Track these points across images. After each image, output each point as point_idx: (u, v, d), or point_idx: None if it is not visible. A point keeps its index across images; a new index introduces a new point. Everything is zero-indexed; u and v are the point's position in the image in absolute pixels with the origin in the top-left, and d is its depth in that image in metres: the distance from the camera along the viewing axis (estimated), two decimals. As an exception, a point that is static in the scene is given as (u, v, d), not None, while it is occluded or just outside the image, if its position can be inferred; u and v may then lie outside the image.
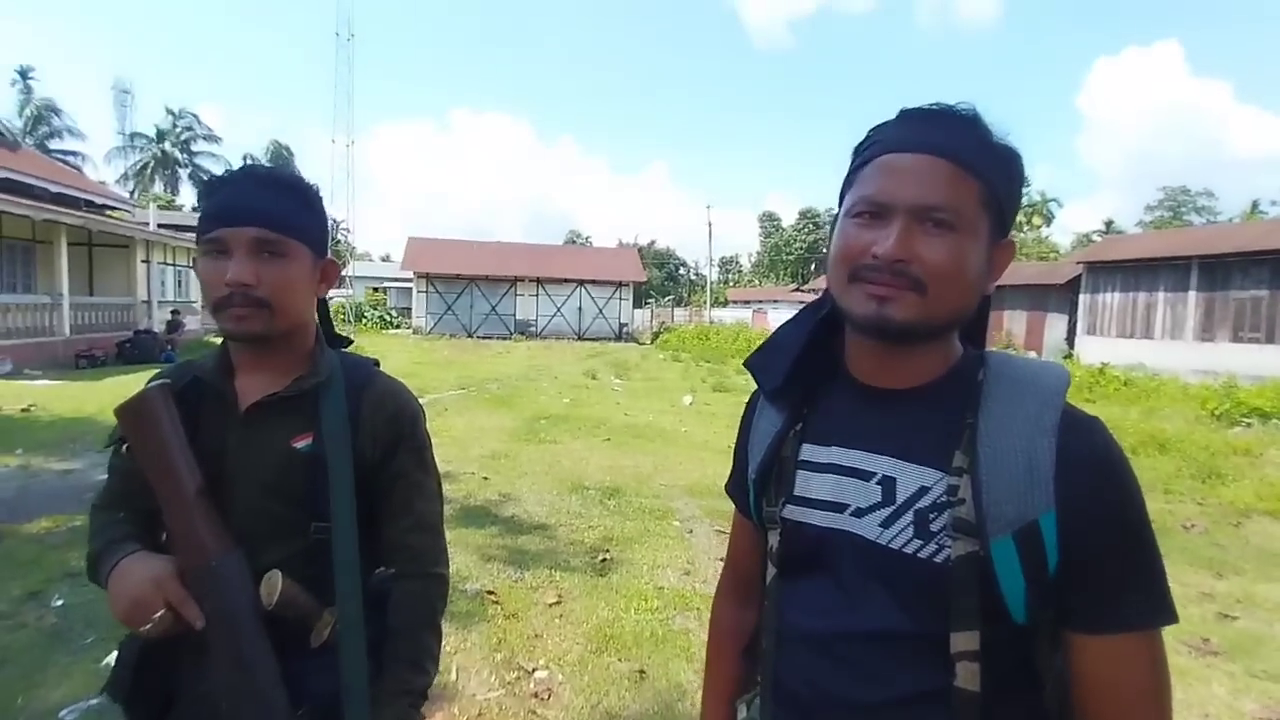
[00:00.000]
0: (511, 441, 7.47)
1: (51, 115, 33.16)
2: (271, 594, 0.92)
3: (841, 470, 0.77)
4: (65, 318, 13.73)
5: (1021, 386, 0.71)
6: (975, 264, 0.72)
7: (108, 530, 1.02)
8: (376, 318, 31.93)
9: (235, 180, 1.01)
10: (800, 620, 0.79)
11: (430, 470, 1.12)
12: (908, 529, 0.71)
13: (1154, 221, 46.83)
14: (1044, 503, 0.66)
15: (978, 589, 0.68)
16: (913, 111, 0.75)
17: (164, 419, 0.97)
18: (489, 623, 3.18)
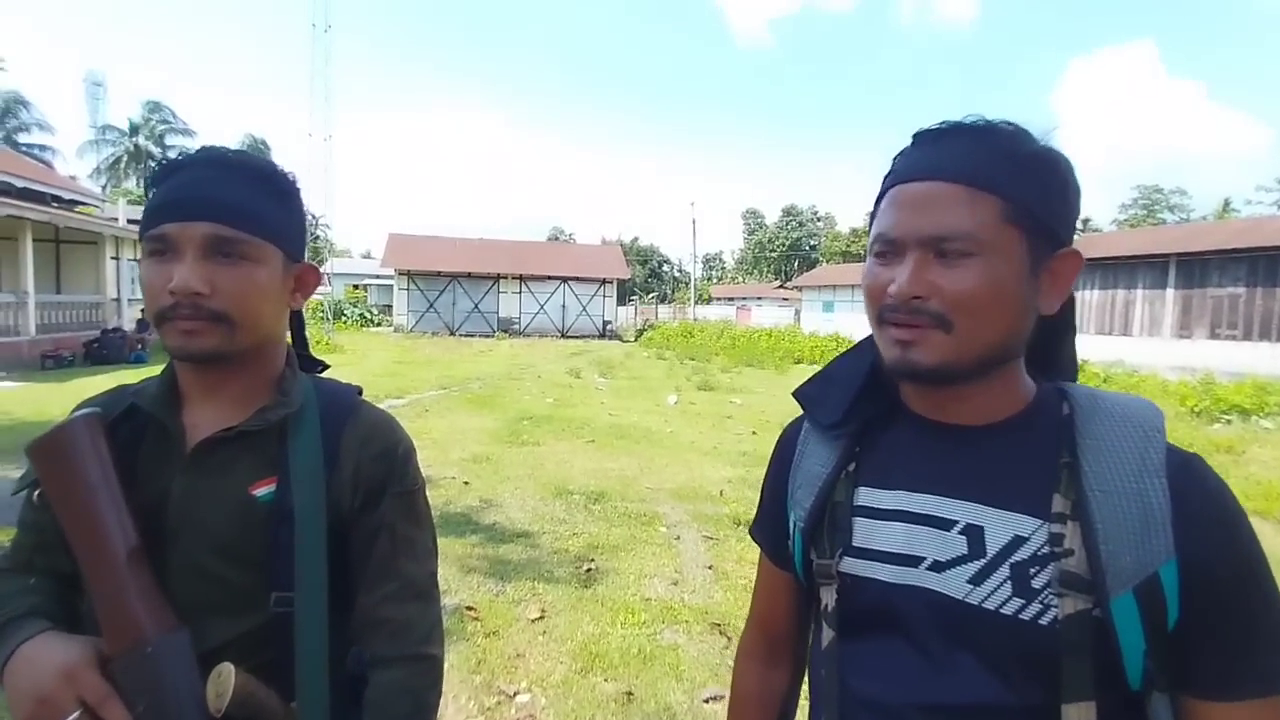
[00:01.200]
0: (493, 444, 7.30)
1: (20, 108, 32.24)
2: (222, 695, 0.71)
3: (912, 517, 0.69)
4: (31, 317, 13.28)
5: (1119, 422, 0.64)
6: (1009, 286, 0.65)
7: (9, 602, 0.80)
8: (357, 315, 31.46)
9: (189, 165, 0.82)
10: (869, 690, 0.69)
11: (423, 522, 0.91)
12: (1004, 586, 0.63)
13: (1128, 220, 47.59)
14: (1164, 552, 0.59)
15: (1093, 653, 0.60)
16: (922, 134, 0.70)
17: (89, 461, 0.77)
18: (468, 641, 3.03)
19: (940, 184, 0.65)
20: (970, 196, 0.64)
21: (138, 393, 0.86)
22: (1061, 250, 0.67)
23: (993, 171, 0.65)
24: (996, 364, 0.68)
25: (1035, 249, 0.65)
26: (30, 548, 0.85)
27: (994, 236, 0.64)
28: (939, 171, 0.66)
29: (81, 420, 0.80)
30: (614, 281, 31.53)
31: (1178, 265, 17.47)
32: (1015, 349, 0.68)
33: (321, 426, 0.86)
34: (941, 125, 0.69)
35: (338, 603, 0.84)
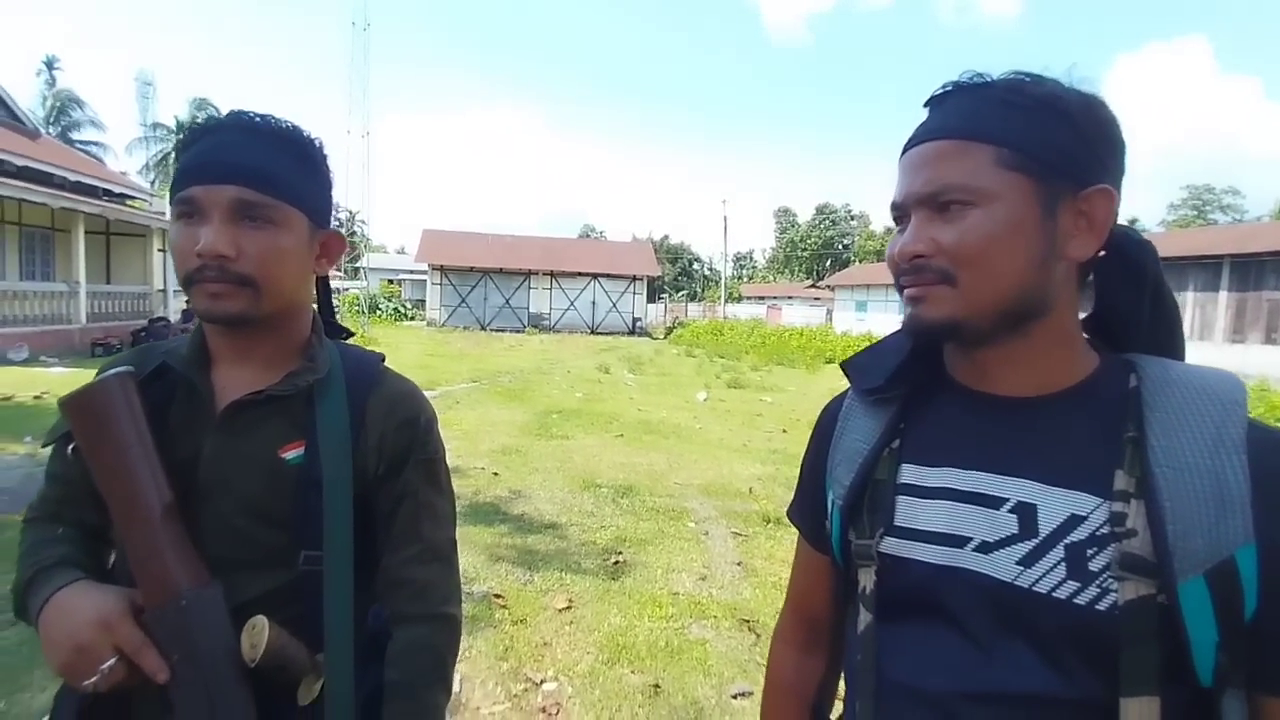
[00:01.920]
0: (522, 436, 7.33)
1: (74, 106, 33.50)
2: (256, 646, 0.73)
3: (959, 495, 0.65)
4: (82, 305, 13.79)
5: (1194, 394, 0.59)
6: (1016, 234, 0.61)
7: (40, 552, 0.82)
8: (391, 310, 31.98)
9: (217, 129, 0.82)
10: (910, 677, 0.65)
11: (444, 488, 0.93)
12: (1058, 568, 0.59)
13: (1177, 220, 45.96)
14: (1242, 534, 0.54)
15: (1158, 643, 0.55)
16: (933, 96, 0.68)
17: (124, 416, 0.78)
18: (496, 628, 3.03)
19: (933, 143, 0.65)
20: (961, 149, 0.63)
21: (168, 352, 0.86)
22: (1088, 190, 0.62)
23: (984, 121, 0.63)
24: (1022, 319, 0.64)
25: (1047, 192, 0.61)
26: (57, 500, 0.87)
27: (992, 184, 0.61)
28: (933, 131, 0.65)
29: (115, 377, 0.80)
30: (644, 279, 31.52)
31: (1232, 267, 16.78)
32: (1040, 302, 0.63)
33: (347, 393, 0.86)
34: (941, 88, 0.67)
35: (362, 563, 0.85)
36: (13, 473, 5.05)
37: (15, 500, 4.41)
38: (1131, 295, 0.67)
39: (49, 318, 13.08)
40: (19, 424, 6.43)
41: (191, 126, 0.85)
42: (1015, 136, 0.61)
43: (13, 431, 6.15)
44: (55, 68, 34.69)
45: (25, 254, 14.67)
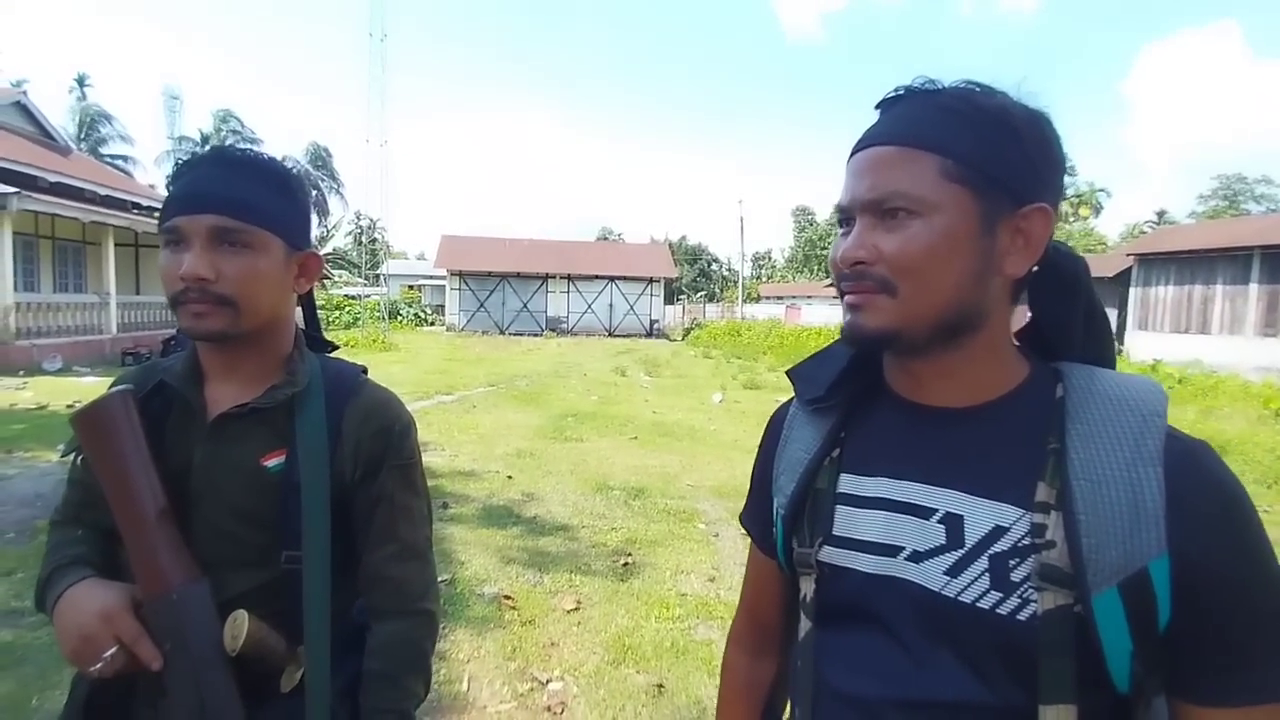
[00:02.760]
0: (537, 439, 7.41)
1: (103, 121, 34.42)
2: (237, 637, 0.81)
3: (893, 505, 0.66)
4: (113, 316, 14.19)
5: (1115, 405, 0.60)
6: (954, 247, 0.61)
7: (60, 551, 0.92)
8: (411, 315, 32.39)
9: (200, 164, 0.90)
10: (846, 683, 0.66)
11: (419, 491, 0.99)
12: (982, 578, 0.60)
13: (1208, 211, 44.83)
14: (1155, 546, 0.55)
15: (1074, 653, 0.56)
16: (883, 100, 0.68)
17: (124, 430, 0.86)
18: (505, 629, 3.09)
19: (880, 148, 0.64)
20: (907, 156, 0.62)
21: (166, 370, 0.94)
22: (1026, 207, 0.62)
23: (932, 130, 0.62)
24: (956, 331, 0.64)
25: (987, 207, 0.62)
26: (77, 504, 0.96)
27: (935, 195, 0.61)
28: (880, 137, 0.65)
29: (117, 395, 0.89)
30: (661, 281, 31.54)
31: (1262, 258, 16.34)
32: (975, 315, 0.64)
33: (326, 404, 0.92)
34: (892, 92, 0.66)
35: (344, 562, 0.91)
36: (47, 479, 5.23)
37: (49, 505, 4.58)
38: (1065, 308, 0.69)
39: (81, 328, 13.48)
40: (53, 433, 6.65)
41: (179, 162, 0.93)
42: (961, 148, 0.61)
43: (47, 440, 6.37)
44: (86, 84, 35.70)
45: (58, 267, 15.14)
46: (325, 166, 42.29)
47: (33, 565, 3.56)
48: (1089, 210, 47.49)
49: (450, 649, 2.88)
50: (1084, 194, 48.65)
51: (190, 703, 0.80)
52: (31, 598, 2.99)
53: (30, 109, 15.85)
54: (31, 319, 12.25)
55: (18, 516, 4.38)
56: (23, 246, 13.14)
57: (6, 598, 3.21)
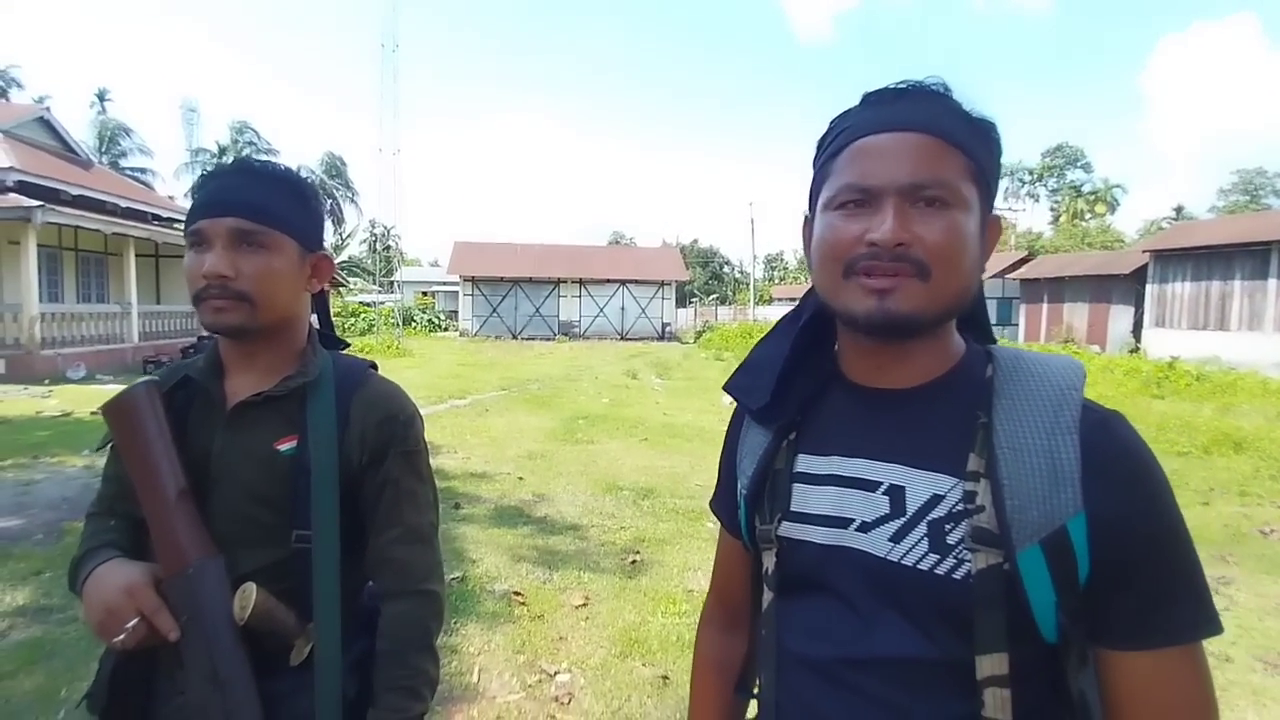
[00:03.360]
0: (549, 441, 7.50)
1: (123, 135, 35.12)
2: (245, 607, 0.87)
3: (843, 481, 0.71)
4: (134, 325, 14.50)
5: (1036, 381, 0.66)
6: (974, 242, 0.67)
7: (93, 538, 0.99)
8: (425, 321, 32.68)
9: (221, 174, 0.98)
10: (803, 647, 0.71)
11: (424, 477, 1.05)
12: (921, 543, 0.64)
13: (1227, 206, 44.12)
14: (1072, 506, 0.60)
15: (1004, 606, 0.61)
16: (881, 92, 0.70)
17: (148, 418, 0.94)
18: (514, 624, 3.16)
19: (915, 135, 0.65)
20: (944, 149, 0.65)
21: (190, 365, 1.02)
22: (993, 215, 0.70)
23: (957, 130, 0.66)
24: (950, 319, 0.70)
25: (984, 210, 0.68)
26: (111, 497, 1.03)
27: (963, 191, 0.65)
28: (913, 124, 0.66)
29: (142, 386, 0.97)
30: (672, 284, 31.60)
31: (1281, 253, 16.11)
32: (967, 305, 0.70)
33: (335, 394, 0.99)
34: (903, 84, 0.69)
35: (353, 544, 0.97)
36: (73, 483, 5.39)
37: (75, 508, 4.73)
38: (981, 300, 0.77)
39: (104, 337, 13.78)
40: (78, 438, 6.84)
41: (204, 173, 1.01)
42: (977, 152, 0.66)
43: (72, 446, 6.56)
44: (106, 99, 36.48)
45: (81, 278, 15.48)
46: (340, 176, 42.79)
47: (59, 565, 3.69)
48: (1105, 207, 46.95)
49: (461, 643, 2.96)
50: (1100, 191, 48.10)
51: (204, 671, 0.86)
52: (59, 595, 3.11)
53: (53, 124, 16.24)
54: (56, 329, 12.55)
55: (45, 519, 4.52)
56: (47, 259, 13.47)
57: (35, 596, 3.33)
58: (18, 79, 33.64)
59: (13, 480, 5.46)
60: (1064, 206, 49.42)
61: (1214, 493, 5.90)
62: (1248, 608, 3.53)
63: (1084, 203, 48.08)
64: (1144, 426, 6.86)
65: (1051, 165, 51.59)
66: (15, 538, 4.18)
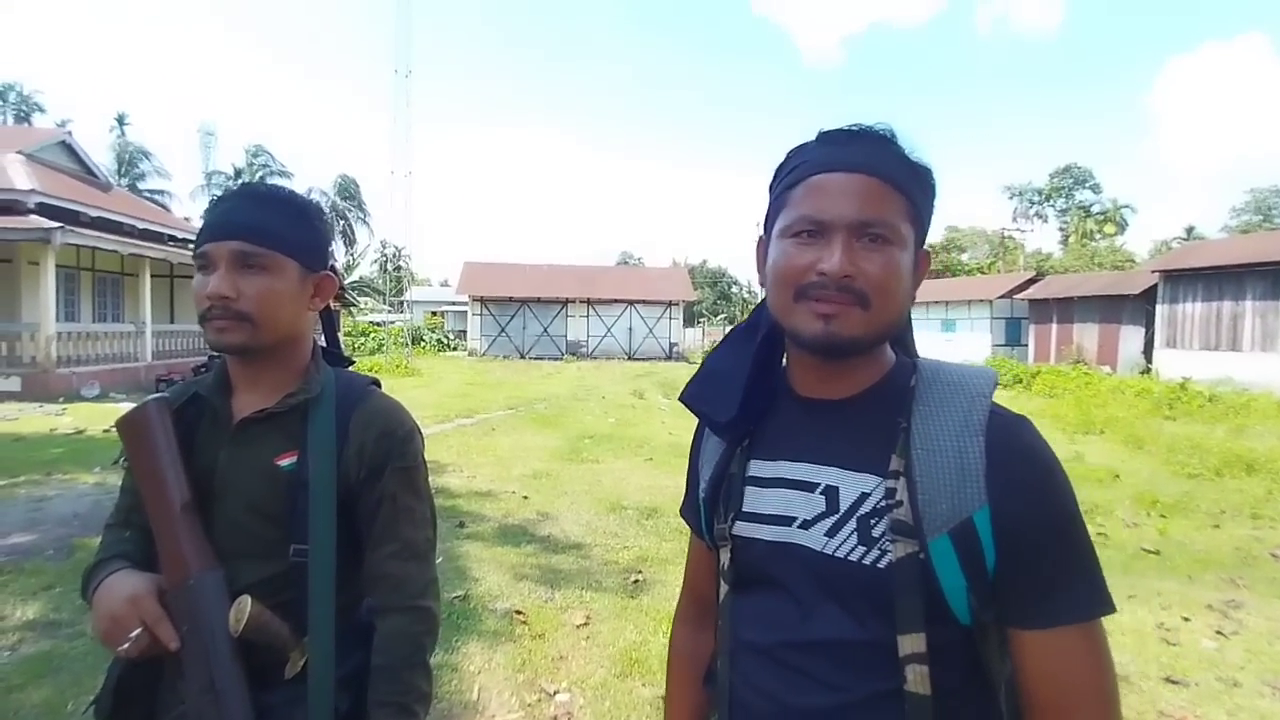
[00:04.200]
0: (554, 461, 7.52)
1: (141, 158, 35.90)
2: (239, 619, 0.88)
3: (788, 483, 0.78)
4: (148, 344, 14.71)
5: (950, 389, 0.74)
6: (908, 275, 0.75)
7: (108, 549, 1.02)
8: (434, 340, 32.90)
9: (228, 198, 1.02)
10: (752, 634, 0.78)
11: (422, 494, 1.06)
12: (852, 537, 0.72)
13: (1240, 225, 43.93)
14: (976, 499, 0.68)
15: (920, 591, 0.68)
16: (835, 133, 0.77)
17: (158, 433, 0.97)
18: (515, 643, 3.17)
19: (866, 177, 0.73)
20: (888, 191, 0.73)
21: (200, 382, 1.06)
22: (921, 250, 0.79)
23: (901, 174, 0.74)
24: (886, 340, 0.78)
25: (918, 246, 0.77)
26: (127, 508, 1.06)
27: (902, 230, 0.74)
28: (863, 166, 0.73)
29: (153, 402, 1.01)
30: (680, 304, 31.72)
31: (1292, 274, 16.00)
32: (898, 329, 0.79)
33: (336, 410, 1.02)
34: (854, 127, 0.77)
35: (349, 558, 0.99)
36: (84, 500, 5.46)
37: (86, 525, 4.78)
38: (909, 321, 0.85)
39: (118, 356, 13.98)
40: (90, 456, 6.93)
41: (214, 198, 1.06)
42: (916, 195, 0.75)
43: (85, 463, 6.64)
44: (125, 123, 37.35)
45: (97, 297, 15.75)
46: (353, 197, 43.42)
47: (70, 581, 3.73)
48: (1114, 228, 46.83)
49: (462, 661, 2.97)
50: (1109, 211, 48.01)
51: (202, 680, 0.88)
52: (69, 610, 3.15)
53: (74, 147, 16.63)
54: (71, 348, 12.75)
55: (56, 535, 4.58)
56: (65, 278, 13.71)
57: (45, 611, 3.37)
58: (40, 104, 34.60)
59: (25, 496, 5.53)
60: (1073, 226, 49.34)
61: (1225, 515, 5.84)
62: (1258, 632, 3.48)
63: (1093, 223, 47.99)
64: (1155, 448, 6.83)
65: (1059, 186, 51.62)
66: (27, 553, 4.23)
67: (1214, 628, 3.52)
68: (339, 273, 1.13)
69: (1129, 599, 3.90)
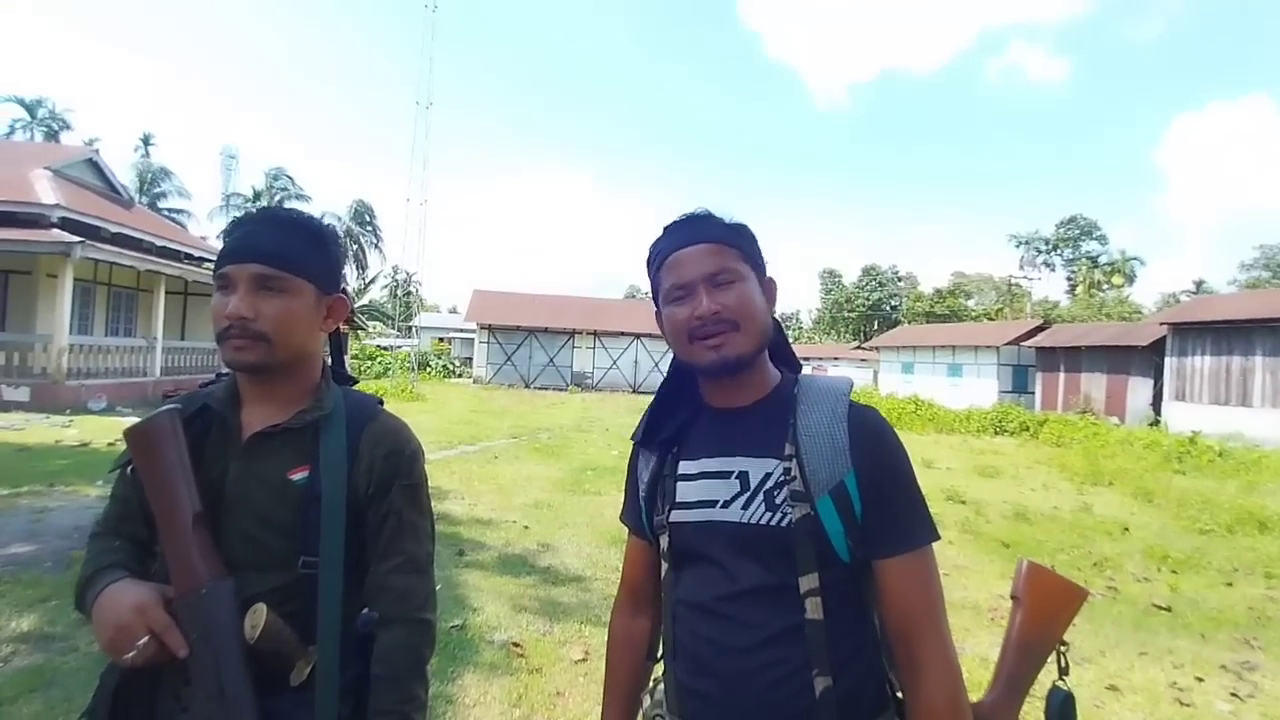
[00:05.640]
0: (556, 491, 7.46)
1: (163, 178, 36.66)
2: (255, 626, 0.90)
3: (709, 475, 1.00)
4: (157, 360, 14.81)
5: (821, 393, 1.00)
6: (759, 299, 1.02)
7: (99, 558, 1.02)
8: (440, 367, 32.99)
9: (248, 221, 1.06)
10: (690, 595, 1.00)
11: (424, 511, 1.10)
12: (760, 506, 0.95)
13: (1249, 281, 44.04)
14: (845, 467, 0.93)
15: (813, 540, 0.93)
16: (673, 224, 1.05)
17: (170, 444, 0.98)
18: (512, 676, 3.11)
19: (702, 245, 1.00)
20: (721, 248, 1.00)
21: (209, 395, 1.08)
22: (767, 277, 1.05)
23: (725, 234, 1.01)
24: (764, 351, 1.03)
25: (759, 277, 1.03)
26: (117, 517, 1.07)
27: (741, 269, 1.00)
28: (697, 238, 1.01)
29: (165, 414, 1.02)
30: (687, 338, 31.76)
31: (1302, 331, 15.94)
32: (769, 341, 1.03)
33: (346, 428, 1.05)
34: (684, 216, 1.05)
35: (354, 570, 1.01)
36: (85, 513, 5.44)
37: (85, 538, 4.71)
38: (780, 338, 1.09)
39: (127, 370, 14.07)
40: (94, 469, 6.93)
41: (234, 219, 1.09)
42: (742, 244, 1.02)
43: (88, 476, 6.64)
44: (150, 144, 38.26)
45: (111, 311, 15.92)
46: (367, 223, 44.12)
47: (66, 594, 3.70)
48: (1122, 279, 46.97)
49: (457, 693, 2.91)
50: (1117, 262, 48.22)
51: (210, 688, 0.89)
52: (64, 624, 3.11)
53: (100, 166, 17.03)
54: (83, 360, 12.85)
55: (55, 547, 4.55)
56: (81, 292, 13.89)
57: (40, 623, 3.33)
58: (69, 121, 35.48)
59: (27, 507, 5.52)
60: (1080, 276, 49.53)
61: (1238, 573, 5.72)
62: (1274, 695, 3.39)
63: (1101, 273, 48.18)
64: (1164, 502, 6.74)
65: (1066, 236, 51.99)
66: (25, 564, 4.20)
67: (1229, 689, 3.42)
68: (350, 295, 1.16)
69: (1140, 656, 3.81)
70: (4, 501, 5.66)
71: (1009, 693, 1.05)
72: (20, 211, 12.44)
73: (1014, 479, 10.26)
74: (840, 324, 62.40)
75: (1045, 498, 8.71)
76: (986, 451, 13.61)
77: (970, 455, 12.81)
